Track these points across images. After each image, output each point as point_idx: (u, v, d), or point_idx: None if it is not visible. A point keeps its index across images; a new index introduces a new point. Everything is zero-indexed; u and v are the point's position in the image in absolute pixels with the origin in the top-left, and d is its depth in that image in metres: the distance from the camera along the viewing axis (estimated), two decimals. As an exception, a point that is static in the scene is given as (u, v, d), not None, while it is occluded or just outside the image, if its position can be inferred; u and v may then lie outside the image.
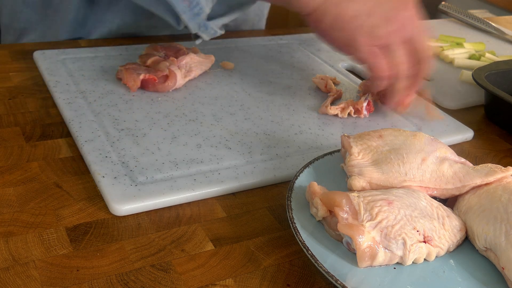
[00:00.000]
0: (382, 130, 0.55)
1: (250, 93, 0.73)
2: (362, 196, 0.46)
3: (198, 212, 0.51)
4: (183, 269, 0.44)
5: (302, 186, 0.51)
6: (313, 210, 0.48)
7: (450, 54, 0.97)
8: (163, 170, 0.54)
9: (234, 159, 0.58)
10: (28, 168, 0.53)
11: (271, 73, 0.80)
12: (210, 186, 0.53)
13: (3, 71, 0.70)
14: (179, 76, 0.69)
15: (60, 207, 0.49)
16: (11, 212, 0.47)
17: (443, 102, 0.80)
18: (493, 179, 0.51)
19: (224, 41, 0.88)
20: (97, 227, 0.47)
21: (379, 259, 0.44)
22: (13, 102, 0.64)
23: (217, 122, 0.64)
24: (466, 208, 0.50)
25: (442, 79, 0.88)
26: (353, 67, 0.88)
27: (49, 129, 0.60)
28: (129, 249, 0.45)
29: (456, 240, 0.47)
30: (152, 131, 0.60)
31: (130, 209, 0.49)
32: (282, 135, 0.64)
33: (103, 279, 0.42)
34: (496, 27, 1.15)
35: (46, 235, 0.45)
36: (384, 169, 0.51)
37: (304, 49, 0.91)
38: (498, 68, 0.80)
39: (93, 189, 0.52)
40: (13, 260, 0.43)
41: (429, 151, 0.52)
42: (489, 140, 0.73)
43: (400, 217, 0.45)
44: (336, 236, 0.47)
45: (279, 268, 0.46)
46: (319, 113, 0.70)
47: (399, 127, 0.69)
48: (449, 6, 1.20)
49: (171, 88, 0.69)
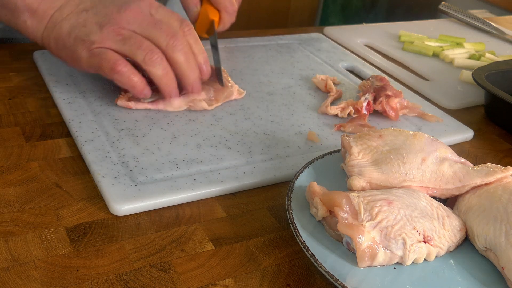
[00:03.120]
0: (382, 130, 0.55)
1: (250, 93, 0.73)
2: (362, 196, 0.46)
3: (198, 212, 0.51)
4: (183, 269, 0.44)
5: (302, 186, 0.51)
6: (313, 210, 0.48)
7: (450, 54, 0.97)
8: (163, 170, 0.54)
9: (234, 159, 0.58)
10: (28, 168, 0.53)
11: (271, 73, 0.80)
12: (210, 186, 0.53)
13: (3, 71, 0.70)
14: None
15: (60, 207, 0.49)
16: (11, 212, 0.47)
17: (443, 102, 0.80)
18: (493, 179, 0.51)
19: (224, 41, 0.88)
20: (97, 227, 0.47)
21: (379, 259, 0.44)
22: (13, 102, 0.64)
23: (217, 122, 0.64)
24: (466, 208, 0.50)
25: (442, 79, 0.88)
26: (353, 67, 0.88)
27: (49, 129, 0.60)
28: (129, 249, 0.45)
29: (456, 240, 0.47)
30: (152, 131, 0.60)
31: (130, 209, 0.49)
32: (282, 135, 0.64)
33: (103, 279, 0.42)
34: (496, 27, 1.15)
35: (46, 235, 0.45)
36: (384, 169, 0.51)
37: (304, 49, 0.91)
38: (498, 68, 0.80)
39: (93, 189, 0.52)
40: (13, 260, 0.43)
41: (429, 151, 0.52)
42: (489, 140, 0.73)
43: (400, 217, 0.45)
44: (336, 236, 0.47)
45: (279, 268, 0.46)
46: (319, 113, 0.70)
47: (399, 127, 0.69)
48: (449, 6, 1.20)
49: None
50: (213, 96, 0.67)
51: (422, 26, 1.14)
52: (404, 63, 0.94)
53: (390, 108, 0.70)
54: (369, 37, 1.02)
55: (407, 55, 0.97)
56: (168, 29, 0.61)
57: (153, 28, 0.61)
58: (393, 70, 0.89)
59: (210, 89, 0.67)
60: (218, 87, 0.68)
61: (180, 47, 0.61)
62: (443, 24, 1.18)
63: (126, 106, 0.64)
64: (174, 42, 0.61)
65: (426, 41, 1.02)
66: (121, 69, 0.60)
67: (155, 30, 0.61)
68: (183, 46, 0.62)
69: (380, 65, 0.91)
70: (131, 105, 0.63)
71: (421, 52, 0.98)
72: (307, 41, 0.94)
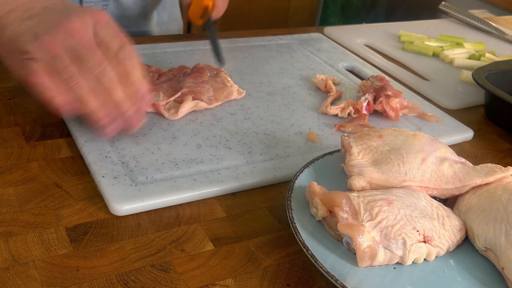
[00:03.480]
0: (382, 130, 0.55)
1: (250, 93, 0.73)
2: (362, 196, 0.46)
3: (198, 212, 0.51)
4: (183, 269, 0.44)
5: (302, 186, 0.51)
6: (313, 210, 0.48)
7: (450, 54, 0.97)
8: (163, 170, 0.54)
9: (234, 159, 0.58)
10: (28, 168, 0.53)
11: (271, 73, 0.80)
12: (210, 186, 0.53)
13: (3, 71, 0.70)
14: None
15: (60, 207, 0.49)
16: (11, 212, 0.47)
17: (443, 102, 0.80)
18: (493, 179, 0.51)
19: (224, 41, 0.88)
20: (97, 227, 0.47)
21: (379, 259, 0.44)
22: (13, 102, 0.64)
23: (217, 122, 0.64)
24: (466, 208, 0.50)
25: (442, 79, 0.88)
26: (353, 67, 0.88)
27: (49, 129, 0.60)
28: (129, 249, 0.45)
29: (456, 240, 0.47)
30: (152, 131, 0.60)
31: (130, 209, 0.49)
32: (282, 135, 0.64)
33: (103, 279, 0.42)
34: (496, 27, 1.15)
35: (46, 235, 0.45)
36: (384, 169, 0.51)
37: (304, 49, 0.91)
38: (498, 68, 0.80)
39: (93, 189, 0.52)
40: (13, 260, 0.43)
41: (429, 151, 0.52)
42: (489, 140, 0.73)
43: (400, 217, 0.45)
44: (336, 236, 0.47)
45: (279, 268, 0.46)
46: (319, 113, 0.70)
47: (399, 127, 0.69)
48: (449, 6, 1.20)
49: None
50: (212, 95, 0.67)
51: (422, 26, 1.14)
52: (404, 63, 0.94)
53: (390, 108, 0.70)
54: (369, 37, 1.02)
55: (407, 55, 0.97)
56: (101, 56, 0.56)
57: (86, 52, 0.56)
58: (393, 70, 0.89)
59: (210, 89, 0.67)
60: (218, 86, 0.68)
61: (108, 77, 0.56)
62: (443, 24, 1.18)
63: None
64: (103, 71, 0.55)
65: (426, 41, 1.02)
66: (42, 80, 0.54)
67: (88, 55, 0.56)
68: (111, 75, 0.56)
69: (380, 65, 0.91)
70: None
71: (421, 52, 0.98)
72: (307, 41, 0.94)
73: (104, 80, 0.55)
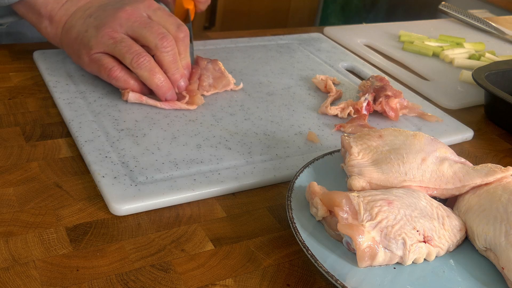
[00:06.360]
0: (382, 130, 0.55)
1: (250, 93, 0.73)
2: (362, 196, 0.46)
3: (198, 212, 0.51)
4: (183, 269, 0.44)
5: (302, 186, 0.51)
6: (313, 210, 0.48)
7: (450, 54, 0.97)
8: (163, 170, 0.54)
9: (234, 159, 0.58)
10: (28, 168, 0.53)
11: (271, 73, 0.80)
12: (210, 186, 0.53)
13: (3, 71, 0.70)
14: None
15: (60, 207, 0.49)
16: (11, 212, 0.47)
17: (443, 102, 0.80)
18: (493, 179, 0.51)
19: (224, 41, 0.88)
20: (97, 227, 0.47)
21: (379, 259, 0.44)
22: (13, 102, 0.64)
23: (217, 122, 0.64)
24: (466, 208, 0.50)
25: (442, 79, 0.88)
26: (353, 67, 0.88)
27: (49, 129, 0.60)
28: (129, 249, 0.45)
29: (456, 240, 0.47)
30: (152, 131, 0.60)
31: (130, 209, 0.49)
32: (282, 135, 0.64)
33: (103, 279, 0.42)
34: (496, 27, 1.15)
35: (46, 235, 0.45)
36: (384, 169, 0.51)
37: (304, 49, 0.91)
38: (498, 68, 0.80)
39: (93, 189, 0.52)
40: (13, 260, 0.43)
41: (429, 151, 0.52)
42: (489, 140, 0.73)
43: (400, 217, 0.45)
44: (336, 236, 0.47)
45: (279, 268, 0.46)
46: (319, 113, 0.70)
47: (399, 127, 0.69)
48: (449, 6, 1.20)
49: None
50: (212, 83, 0.70)
51: (422, 26, 1.14)
52: (404, 63, 0.94)
53: (390, 108, 0.70)
54: (369, 37, 1.02)
55: (407, 55, 0.97)
56: (159, 30, 0.63)
57: (143, 28, 0.63)
58: (393, 70, 0.89)
59: (209, 76, 0.70)
60: (217, 75, 0.71)
61: (169, 49, 0.63)
62: (443, 24, 1.18)
63: (138, 100, 0.64)
64: (164, 43, 0.62)
65: (426, 41, 1.02)
66: (117, 75, 0.63)
67: (145, 30, 0.63)
68: (172, 48, 0.63)
69: (380, 65, 0.91)
70: (142, 99, 0.65)
71: (421, 52, 0.98)
72: (307, 41, 0.94)
73: (164, 54, 0.63)
